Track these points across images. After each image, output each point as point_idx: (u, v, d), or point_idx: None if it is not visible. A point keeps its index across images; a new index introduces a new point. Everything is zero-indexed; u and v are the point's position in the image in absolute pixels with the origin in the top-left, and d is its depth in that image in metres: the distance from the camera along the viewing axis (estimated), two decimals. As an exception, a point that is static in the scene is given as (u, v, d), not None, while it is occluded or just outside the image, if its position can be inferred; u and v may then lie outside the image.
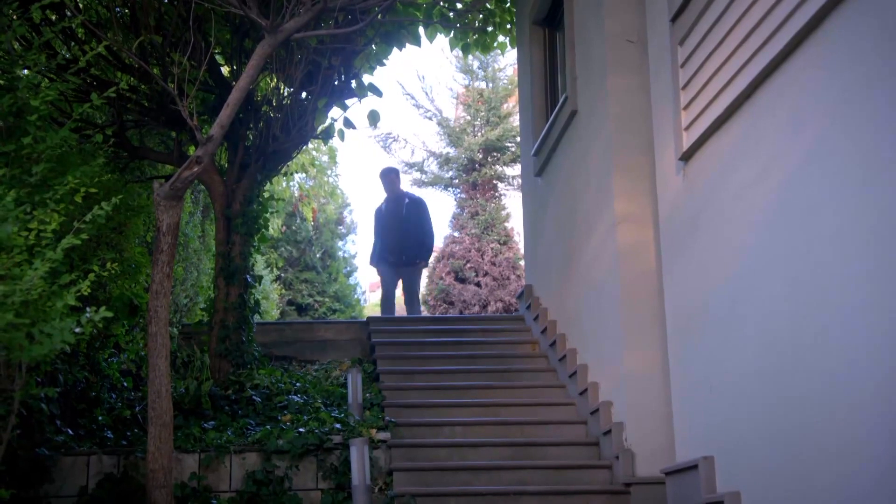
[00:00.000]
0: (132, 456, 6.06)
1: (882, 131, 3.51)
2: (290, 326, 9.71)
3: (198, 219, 9.89)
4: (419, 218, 10.74)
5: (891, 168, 3.45)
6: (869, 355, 3.56)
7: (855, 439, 3.65)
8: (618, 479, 6.08)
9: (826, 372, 3.86)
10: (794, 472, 4.10)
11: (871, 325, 3.55)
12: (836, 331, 3.79)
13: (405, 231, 10.64)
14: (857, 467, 3.63)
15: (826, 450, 3.85)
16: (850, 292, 3.70)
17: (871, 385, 3.55)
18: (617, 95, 6.49)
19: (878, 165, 3.53)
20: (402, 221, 10.68)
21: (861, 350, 3.62)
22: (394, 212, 10.78)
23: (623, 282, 6.25)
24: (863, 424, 3.60)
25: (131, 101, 7.71)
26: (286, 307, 16.85)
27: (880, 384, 3.50)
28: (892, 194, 3.44)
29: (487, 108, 17.31)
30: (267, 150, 7.95)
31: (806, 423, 4.01)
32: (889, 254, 3.45)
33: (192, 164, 5.23)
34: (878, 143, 3.53)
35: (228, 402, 7.01)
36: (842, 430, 3.74)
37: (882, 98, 3.51)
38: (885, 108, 3.49)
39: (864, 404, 3.59)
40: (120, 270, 6.32)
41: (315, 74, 7.90)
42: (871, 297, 3.55)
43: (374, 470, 6.16)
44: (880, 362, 3.50)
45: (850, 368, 3.69)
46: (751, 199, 4.53)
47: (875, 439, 3.52)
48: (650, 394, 6.05)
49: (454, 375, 7.74)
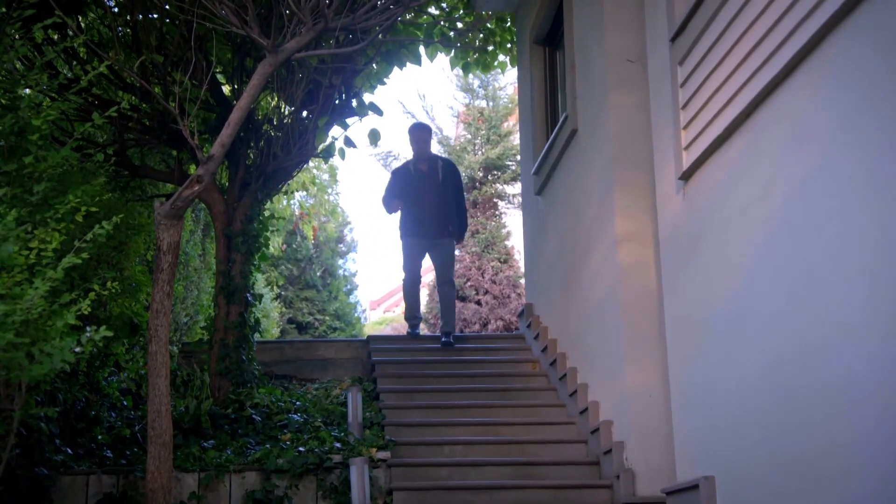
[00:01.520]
0: (131, 475, 6.04)
1: (882, 150, 3.51)
2: (291, 345, 9.69)
3: (198, 237, 9.90)
4: (456, 186, 9.27)
5: (892, 186, 3.46)
6: (871, 373, 3.55)
7: (857, 460, 3.63)
8: (618, 499, 6.05)
9: (828, 391, 3.85)
10: (796, 492, 4.08)
11: (873, 343, 3.54)
12: (838, 349, 3.78)
13: (442, 198, 9.09)
14: (860, 488, 3.61)
15: (828, 470, 3.83)
16: (852, 311, 3.70)
17: (872, 404, 3.54)
18: (617, 114, 6.51)
19: (878, 184, 3.54)
20: (439, 186, 9.12)
21: (863, 368, 3.61)
22: (427, 175, 9.18)
23: (623, 301, 6.25)
24: (865, 445, 3.59)
25: (132, 121, 7.73)
26: (286, 325, 16.85)
27: (882, 403, 3.49)
28: (893, 210, 3.45)
29: (488, 126, 17.35)
30: (267, 169, 7.97)
31: (808, 443, 3.99)
32: (891, 269, 3.45)
33: (193, 183, 5.24)
34: (879, 161, 3.54)
35: (228, 422, 7.00)
36: (844, 450, 3.73)
37: (882, 117, 3.52)
38: (885, 127, 3.49)
39: (867, 424, 3.58)
40: (120, 289, 6.32)
41: (316, 93, 7.92)
42: (873, 316, 3.55)
43: (374, 489, 6.14)
44: (882, 381, 3.49)
45: (851, 388, 3.68)
46: (751, 218, 4.54)
47: (878, 460, 3.51)
48: (651, 413, 6.03)
49: (454, 394, 7.73)
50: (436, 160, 9.30)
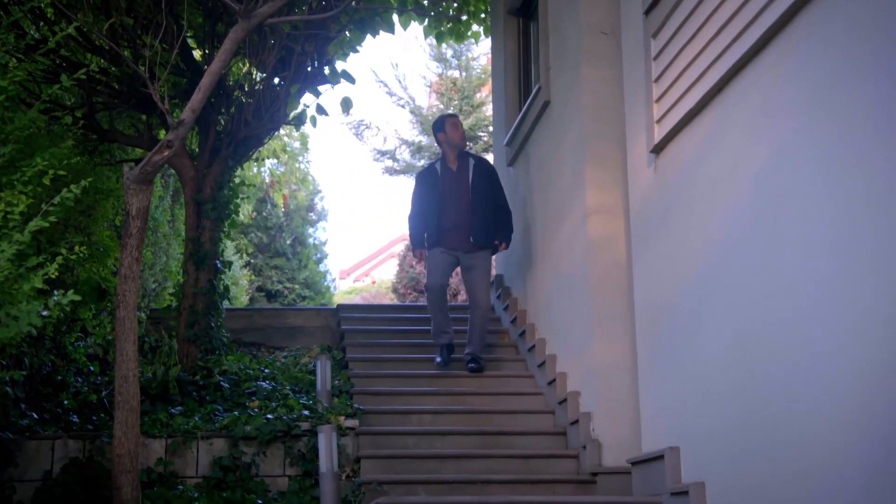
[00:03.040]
0: (98, 441, 6.02)
1: (851, 126, 3.54)
2: (260, 313, 9.67)
3: (168, 203, 9.82)
4: (492, 187, 7.77)
5: (860, 162, 3.49)
6: (837, 346, 3.60)
7: (818, 431, 3.69)
8: (584, 469, 6.12)
9: (793, 363, 3.90)
10: (759, 462, 4.14)
11: (840, 317, 3.59)
12: (804, 323, 3.83)
13: (475, 203, 7.64)
14: (821, 458, 3.67)
15: (790, 441, 3.89)
16: (819, 284, 3.74)
17: (837, 377, 3.60)
18: (590, 87, 6.51)
19: (847, 160, 3.57)
20: (469, 189, 7.70)
21: (828, 342, 3.66)
22: (457, 176, 7.79)
23: (594, 273, 6.28)
24: (826, 417, 3.65)
25: (101, 84, 7.63)
26: (256, 293, 16.79)
27: (846, 376, 3.54)
28: (860, 187, 3.48)
29: (461, 96, 17.31)
30: (238, 136, 7.91)
31: (771, 415, 4.05)
32: (856, 246, 3.49)
33: (163, 148, 5.19)
34: (848, 138, 3.57)
35: (196, 388, 6.98)
36: (806, 421, 3.78)
37: (852, 94, 3.55)
38: (855, 103, 3.52)
39: (830, 396, 3.64)
40: (88, 254, 6.26)
41: (288, 60, 7.86)
42: (840, 290, 3.59)
43: (342, 457, 6.16)
44: (847, 354, 3.54)
45: (817, 360, 3.73)
46: (721, 192, 4.57)
47: (838, 431, 3.57)
48: (618, 385, 6.09)
49: (423, 364, 7.75)
50: (466, 158, 7.89)
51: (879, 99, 3.37)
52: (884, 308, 3.30)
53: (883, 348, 3.30)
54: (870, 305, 3.38)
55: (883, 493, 3.28)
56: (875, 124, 3.40)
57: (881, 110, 3.36)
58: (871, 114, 3.42)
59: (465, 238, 7.56)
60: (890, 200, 3.29)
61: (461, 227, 7.58)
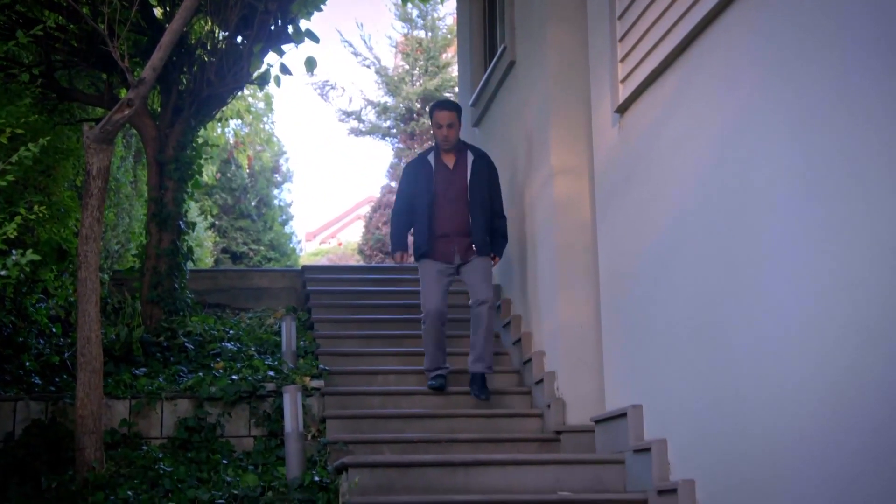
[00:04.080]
0: (61, 402, 5.99)
1: (814, 89, 3.56)
2: (224, 274, 9.61)
3: (129, 164, 9.70)
4: (491, 186, 6.80)
5: (822, 124, 3.51)
6: (799, 308, 3.64)
7: (781, 388, 3.74)
8: (549, 427, 6.17)
9: (754, 324, 3.95)
10: (720, 419, 4.20)
11: (801, 279, 3.63)
12: (766, 285, 3.87)
13: (474, 209, 6.67)
14: (781, 412, 3.73)
15: (754, 398, 3.94)
16: (779, 245, 3.77)
17: (798, 336, 3.64)
18: (555, 46, 6.48)
19: (810, 121, 3.59)
20: (467, 192, 6.72)
21: (790, 303, 3.70)
22: (453, 175, 6.76)
23: (559, 233, 6.29)
24: (789, 375, 3.70)
25: (60, 41, 7.49)
26: (221, 255, 16.70)
27: (808, 337, 3.58)
28: (822, 148, 3.51)
29: (426, 57, 17.22)
30: (201, 95, 7.81)
31: (735, 373, 4.10)
32: (818, 209, 3.52)
33: (124, 107, 5.12)
34: (811, 99, 3.58)
35: (160, 349, 6.95)
36: (768, 380, 3.83)
37: (813, 58, 3.56)
38: (816, 65, 3.53)
39: (791, 355, 3.69)
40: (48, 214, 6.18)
41: (251, 18, 7.75)
42: (803, 252, 3.62)
43: (307, 417, 6.17)
44: (808, 314, 3.58)
45: (778, 321, 3.77)
46: (684, 153, 4.58)
47: (800, 387, 3.62)
48: (583, 344, 6.13)
49: (388, 324, 7.76)
50: (465, 151, 6.82)
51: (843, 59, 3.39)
52: (851, 269, 3.34)
53: (848, 309, 3.34)
54: (836, 266, 3.41)
55: (838, 442, 3.34)
56: (840, 84, 3.41)
57: (845, 68, 3.37)
58: (836, 73, 3.43)
59: (461, 248, 6.66)
60: (857, 156, 3.31)
61: (457, 236, 6.66)
